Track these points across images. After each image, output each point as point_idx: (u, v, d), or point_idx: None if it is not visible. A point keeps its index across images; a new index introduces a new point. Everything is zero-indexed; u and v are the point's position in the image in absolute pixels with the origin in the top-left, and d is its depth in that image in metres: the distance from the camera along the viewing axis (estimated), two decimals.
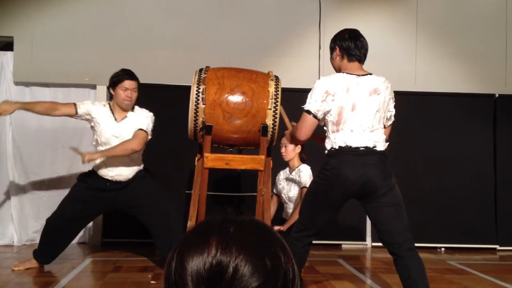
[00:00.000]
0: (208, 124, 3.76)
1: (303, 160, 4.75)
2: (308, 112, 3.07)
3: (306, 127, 3.10)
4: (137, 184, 4.22)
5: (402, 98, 5.79)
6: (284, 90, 3.97)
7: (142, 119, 4.19)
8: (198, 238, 0.72)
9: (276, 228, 4.63)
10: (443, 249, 5.90)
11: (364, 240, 5.98)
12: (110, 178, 4.18)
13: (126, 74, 4.16)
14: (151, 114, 4.27)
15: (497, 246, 5.94)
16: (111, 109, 4.20)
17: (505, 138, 6.02)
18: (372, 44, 5.85)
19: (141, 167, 4.32)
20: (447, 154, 5.97)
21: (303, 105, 3.11)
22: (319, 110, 3.05)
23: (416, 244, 5.65)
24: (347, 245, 5.96)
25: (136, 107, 4.28)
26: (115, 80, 4.15)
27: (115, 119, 4.17)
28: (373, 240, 5.87)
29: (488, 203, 5.99)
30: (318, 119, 3.08)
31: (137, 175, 4.25)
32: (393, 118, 3.25)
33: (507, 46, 6.13)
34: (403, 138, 5.81)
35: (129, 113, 4.21)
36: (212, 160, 3.79)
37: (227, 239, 0.70)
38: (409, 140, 5.92)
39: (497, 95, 6.06)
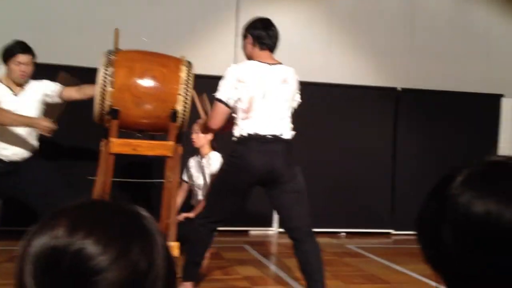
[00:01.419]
0: (115, 108, 3.68)
1: (214, 148, 4.78)
2: (220, 100, 3.11)
3: (218, 116, 3.15)
4: (30, 168, 3.80)
5: (314, 89, 6.05)
6: (200, 77, 3.97)
7: (48, 85, 3.90)
8: (49, 221, 0.67)
9: (185, 215, 4.65)
10: (344, 233, 6.20)
11: (271, 226, 6.15)
12: (4, 158, 3.74)
13: (19, 48, 3.75)
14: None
15: (392, 231, 6.33)
16: (5, 84, 3.81)
17: (405, 129, 6.39)
18: (287, 35, 5.97)
19: (37, 146, 3.94)
20: (350, 143, 6.24)
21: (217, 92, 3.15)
22: (230, 98, 3.10)
23: (319, 230, 5.97)
24: (254, 231, 6.10)
25: (32, 81, 3.89)
26: (8, 54, 3.74)
27: (14, 93, 3.81)
28: (280, 226, 6.04)
29: (386, 190, 6.36)
30: (230, 107, 3.13)
31: (32, 156, 3.87)
32: (296, 108, 3.35)
33: (411, 41, 6.50)
34: (311, 127, 6.01)
35: (26, 86, 3.86)
36: (118, 145, 3.70)
37: (77, 222, 0.66)
38: (316, 129, 6.12)
39: (399, 89, 6.42)
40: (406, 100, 6.41)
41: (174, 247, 3.41)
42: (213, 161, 4.61)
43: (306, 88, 4.59)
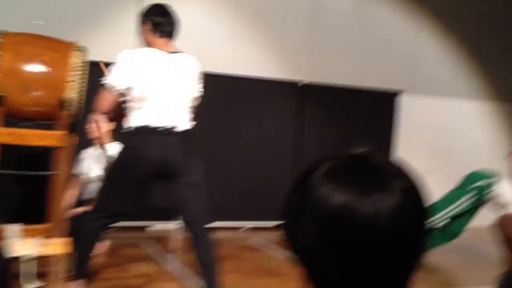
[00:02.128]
0: (0, 94, 3.39)
1: (114, 139, 4.56)
2: (108, 85, 2.95)
3: (104, 101, 2.99)
4: None
5: (218, 80, 5.98)
6: (96, 64, 3.74)
7: None
8: None
9: (81, 209, 4.40)
10: (246, 227, 6.19)
11: (171, 220, 5.99)
12: None
13: None
14: None
15: None
16: None
17: (307, 123, 6.48)
18: (192, 24, 5.85)
19: None
20: (254, 136, 6.23)
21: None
22: (118, 85, 2.94)
23: (221, 224, 5.94)
24: (154, 226, 5.92)
25: None
26: None
27: None
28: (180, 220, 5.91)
29: (288, 184, 6.39)
30: (119, 94, 2.97)
31: None
32: (199, 99, 3.26)
33: (314, 37, 6.59)
34: (215, 119, 5.95)
35: None
36: (4, 135, 3.43)
37: None
38: (220, 121, 6.06)
39: (302, 83, 6.50)
40: (309, 95, 6.50)
41: (66, 243, 3.22)
42: (111, 152, 4.40)
43: (210, 79, 4.50)
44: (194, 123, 3.15)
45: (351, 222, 0.69)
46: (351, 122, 6.61)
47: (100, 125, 4.35)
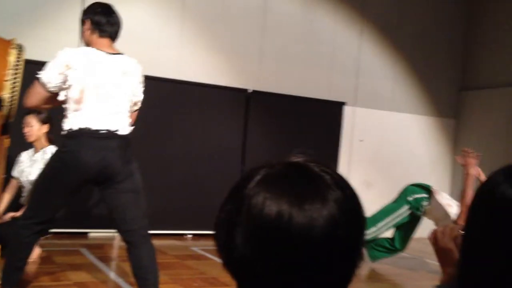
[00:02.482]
0: None
1: (51, 141, 4.40)
2: (40, 80, 2.83)
3: (33, 95, 2.88)
4: None
5: (164, 85, 5.89)
6: (38, 63, 3.58)
7: None
8: None
9: (11, 214, 4.23)
10: (190, 235, 6.09)
11: (112, 228, 5.83)
12: None
13: None
14: None
15: None
16: None
17: (254, 131, 6.47)
18: (137, 26, 5.74)
19: None
20: (200, 143, 6.17)
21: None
22: (52, 82, 2.82)
23: (164, 232, 5.84)
24: (94, 233, 5.74)
25: None
26: None
27: None
28: (115, 227, 5.76)
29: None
30: (50, 91, 2.85)
31: None
32: (139, 104, 3.16)
33: (262, 44, 6.60)
34: (160, 124, 5.85)
35: None
36: None
37: None
38: (165, 126, 5.97)
39: (250, 90, 6.48)
40: (256, 102, 6.50)
41: None
42: (49, 155, 4.24)
43: (155, 83, 4.44)
44: (132, 128, 3.05)
45: (285, 232, 0.67)
46: (297, 131, 6.65)
47: (36, 128, 4.20)
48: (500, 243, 0.99)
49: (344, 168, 7.04)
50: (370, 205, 6.68)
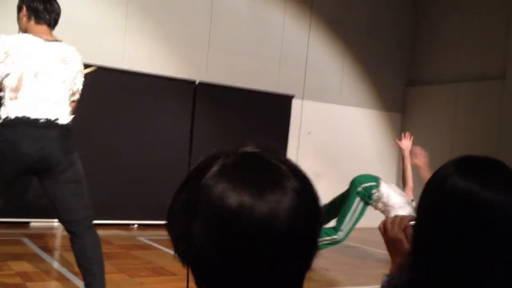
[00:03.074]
0: None
1: None
2: None
3: None
4: None
5: (107, 74, 5.75)
6: None
7: None
8: None
9: None
10: (136, 225, 6.00)
11: (55, 217, 5.67)
12: None
13: None
14: None
15: None
16: None
17: (202, 123, 6.42)
18: (79, 13, 5.57)
19: None
20: (147, 133, 6.07)
21: None
22: None
23: (110, 221, 5.72)
24: (36, 223, 5.56)
25: None
26: None
27: None
28: (56, 218, 5.61)
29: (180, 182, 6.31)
30: None
31: None
32: (79, 93, 3.05)
33: (210, 36, 6.55)
34: (105, 114, 5.72)
35: None
36: None
37: None
38: (111, 117, 5.84)
39: (197, 82, 6.43)
40: (204, 94, 6.45)
41: None
42: None
43: (99, 72, 4.30)
44: (72, 117, 2.95)
45: (247, 223, 0.67)
46: (245, 123, 6.66)
47: None
48: (450, 233, 1.00)
49: (293, 159, 7.09)
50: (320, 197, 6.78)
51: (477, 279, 0.96)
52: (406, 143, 5.11)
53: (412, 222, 1.25)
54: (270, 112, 6.87)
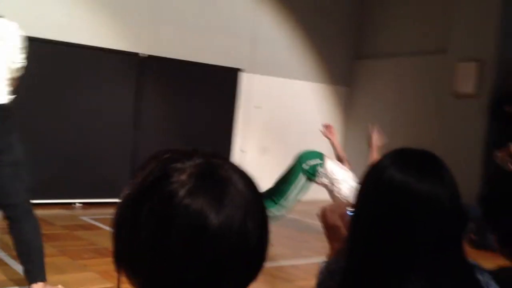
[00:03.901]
0: None
1: None
2: None
3: None
4: None
5: (49, 47, 5.50)
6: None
7: None
8: None
9: None
10: (79, 204, 5.85)
11: None
12: None
13: None
14: None
15: None
16: None
17: (147, 97, 6.27)
18: None
19: None
20: (90, 109, 5.89)
21: None
22: None
23: (52, 201, 5.56)
24: None
25: None
26: None
27: None
28: None
29: (126, 159, 6.18)
30: None
31: None
32: (20, 71, 2.90)
33: (156, 7, 6.35)
34: (44, 90, 5.49)
35: None
36: None
37: None
38: (51, 91, 5.61)
39: (143, 55, 6.24)
40: (150, 67, 6.29)
41: None
42: None
43: (38, 45, 4.14)
44: (13, 96, 2.80)
45: (206, 233, 0.67)
46: (193, 97, 6.56)
47: None
48: (386, 223, 1.03)
49: (241, 134, 7.09)
50: (266, 169, 6.78)
51: (411, 266, 0.99)
52: (329, 130, 5.41)
53: (350, 209, 1.26)
54: (217, 86, 6.79)
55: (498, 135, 5.78)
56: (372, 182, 1.07)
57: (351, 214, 1.19)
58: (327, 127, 5.43)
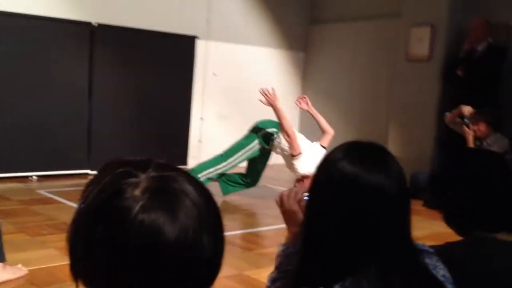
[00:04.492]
0: None
1: None
2: None
3: None
4: None
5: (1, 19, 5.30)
6: None
7: None
8: None
9: None
10: (35, 177, 5.75)
11: None
12: None
13: None
14: None
15: (89, 171, 6.14)
16: None
17: (101, 67, 6.12)
18: None
19: None
20: (42, 80, 5.73)
21: None
22: None
23: (6, 174, 5.44)
24: None
25: None
26: None
27: None
28: None
29: (81, 129, 6.09)
30: None
31: None
32: None
33: None
34: None
35: None
36: None
37: None
38: (1, 65, 5.42)
39: (94, 24, 6.07)
40: (102, 36, 6.12)
41: None
42: None
43: None
44: None
45: (162, 247, 0.68)
46: (148, 66, 6.46)
47: None
48: (338, 213, 1.07)
49: (198, 102, 7.05)
50: (224, 136, 6.79)
51: (362, 254, 1.04)
52: (272, 98, 5.15)
53: (306, 194, 1.30)
54: (173, 54, 6.68)
55: (450, 98, 5.95)
56: (324, 174, 1.11)
57: (307, 199, 1.24)
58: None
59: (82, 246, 0.70)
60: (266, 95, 4.97)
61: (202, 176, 4.88)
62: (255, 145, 5.00)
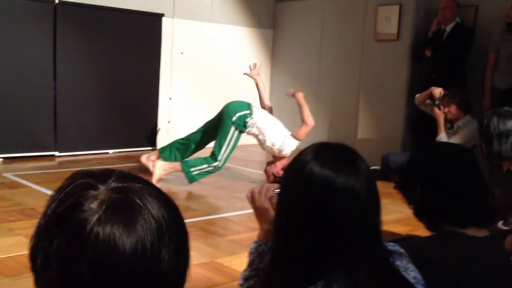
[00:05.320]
0: None
1: None
2: None
3: None
4: None
5: None
6: None
7: None
8: None
9: None
10: (0, 159, 5.62)
11: None
12: None
13: None
14: None
15: (56, 153, 6.04)
16: None
17: (65, 46, 5.98)
18: None
19: None
20: (4, 60, 5.57)
21: None
22: None
23: None
24: None
25: None
26: None
27: None
28: None
29: (47, 110, 5.96)
30: None
31: None
32: None
33: None
34: None
35: None
36: None
37: None
38: None
39: (57, 1, 5.89)
40: (66, 14, 5.96)
41: None
42: None
43: None
44: None
45: (117, 260, 0.67)
46: (114, 45, 6.34)
47: None
48: (307, 214, 1.08)
49: (166, 81, 6.96)
50: (194, 115, 6.73)
51: (331, 255, 1.05)
52: (255, 71, 5.35)
53: (277, 191, 1.30)
54: (139, 33, 6.56)
55: (419, 79, 6.01)
56: (294, 174, 1.11)
57: (277, 196, 1.24)
58: (254, 66, 5.39)
59: (40, 260, 0.70)
60: (254, 67, 5.30)
61: (195, 171, 4.87)
62: (233, 133, 4.94)
